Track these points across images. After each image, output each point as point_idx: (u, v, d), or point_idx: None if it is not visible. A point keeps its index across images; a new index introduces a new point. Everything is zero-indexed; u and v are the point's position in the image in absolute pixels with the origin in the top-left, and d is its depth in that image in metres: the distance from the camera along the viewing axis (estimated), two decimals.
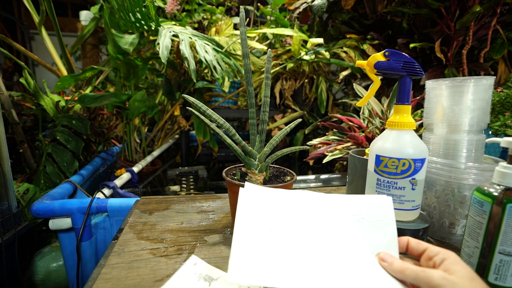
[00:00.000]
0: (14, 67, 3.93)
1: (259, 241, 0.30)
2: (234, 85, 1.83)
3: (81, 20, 2.41)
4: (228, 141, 0.49)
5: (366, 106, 0.87)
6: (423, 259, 0.30)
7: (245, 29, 0.49)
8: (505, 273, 0.36)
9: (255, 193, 0.35)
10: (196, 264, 0.39)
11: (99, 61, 2.52)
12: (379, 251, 0.32)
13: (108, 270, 0.37)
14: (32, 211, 0.71)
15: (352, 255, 0.31)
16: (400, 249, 0.32)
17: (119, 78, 1.30)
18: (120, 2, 1.01)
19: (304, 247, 0.31)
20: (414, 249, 0.32)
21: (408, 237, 0.33)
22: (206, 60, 1.05)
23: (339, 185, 0.99)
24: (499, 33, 1.07)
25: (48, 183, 1.03)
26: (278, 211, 0.33)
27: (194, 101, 0.47)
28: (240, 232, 0.29)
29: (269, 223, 0.32)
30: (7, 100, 1.00)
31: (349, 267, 0.30)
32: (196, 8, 1.61)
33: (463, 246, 0.41)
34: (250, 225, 0.31)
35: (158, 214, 0.56)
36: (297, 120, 0.54)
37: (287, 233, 0.31)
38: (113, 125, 1.68)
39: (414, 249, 0.32)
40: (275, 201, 0.35)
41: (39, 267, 0.81)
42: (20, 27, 4.19)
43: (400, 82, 0.45)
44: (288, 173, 0.55)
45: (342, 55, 1.40)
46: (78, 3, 4.45)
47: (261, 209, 0.33)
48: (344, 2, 1.30)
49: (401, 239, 0.33)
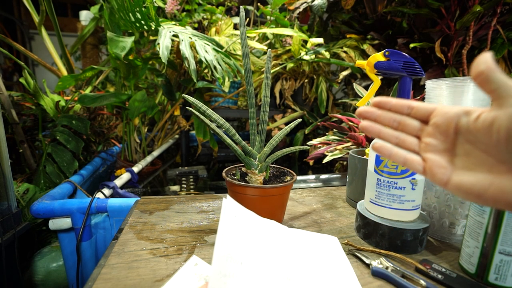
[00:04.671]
0: (14, 67, 3.93)
1: (232, 273, 0.30)
2: (234, 85, 1.82)
3: (81, 20, 2.41)
4: (228, 141, 0.49)
5: (366, 106, 0.87)
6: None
7: (245, 29, 0.49)
8: (505, 273, 0.36)
9: (233, 212, 0.37)
10: (197, 264, 0.39)
11: (99, 61, 2.52)
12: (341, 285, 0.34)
13: (108, 270, 0.37)
14: (32, 211, 0.71)
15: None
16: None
17: (119, 78, 1.30)
18: (120, 2, 1.00)
19: (272, 281, 0.32)
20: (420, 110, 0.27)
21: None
22: (206, 60, 1.05)
23: (339, 185, 0.99)
24: (499, 33, 1.07)
25: (48, 183, 1.03)
26: (249, 240, 0.35)
27: (194, 101, 0.47)
28: (218, 260, 0.30)
29: (241, 252, 0.33)
30: (7, 100, 1.00)
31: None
32: (196, 8, 1.61)
33: (463, 246, 0.41)
34: (226, 251, 0.31)
35: (158, 214, 0.56)
36: (297, 120, 0.54)
37: (256, 266, 0.32)
38: (113, 125, 1.67)
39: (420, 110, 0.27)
40: (247, 228, 0.37)
41: (39, 267, 0.81)
42: (20, 27, 4.18)
43: (400, 82, 0.45)
44: (288, 173, 0.55)
45: (342, 55, 1.40)
46: (78, 3, 4.45)
47: (235, 235, 0.34)
48: (344, 2, 1.30)
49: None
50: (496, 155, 0.22)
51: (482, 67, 0.22)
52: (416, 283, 0.36)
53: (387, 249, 0.44)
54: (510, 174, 0.21)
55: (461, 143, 0.24)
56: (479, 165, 0.23)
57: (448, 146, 0.25)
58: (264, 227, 0.39)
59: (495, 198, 0.21)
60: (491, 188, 0.21)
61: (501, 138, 0.21)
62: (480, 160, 0.23)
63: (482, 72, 0.22)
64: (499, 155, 0.21)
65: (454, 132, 0.24)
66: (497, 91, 0.21)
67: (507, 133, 0.20)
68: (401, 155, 0.27)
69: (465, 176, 0.23)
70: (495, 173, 0.22)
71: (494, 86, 0.21)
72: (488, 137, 0.22)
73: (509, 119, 0.20)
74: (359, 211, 0.50)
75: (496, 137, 0.21)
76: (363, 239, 0.48)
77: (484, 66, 0.22)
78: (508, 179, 0.21)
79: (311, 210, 0.61)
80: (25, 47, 1.52)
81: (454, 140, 0.24)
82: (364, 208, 0.50)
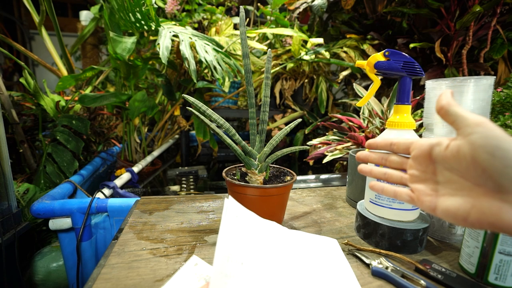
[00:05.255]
0: (14, 67, 3.93)
1: (233, 273, 0.30)
2: (234, 85, 1.82)
3: (81, 20, 2.41)
4: (228, 141, 0.49)
5: (366, 106, 0.87)
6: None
7: (245, 29, 0.49)
8: (505, 273, 0.36)
9: (234, 213, 0.37)
10: (197, 264, 0.39)
11: (99, 61, 2.53)
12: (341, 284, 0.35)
13: (108, 270, 0.37)
14: (32, 211, 0.71)
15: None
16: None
17: (119, 78, 1.30)
18: (120, 2, 1.00)
19: (272, 282, 0.32)
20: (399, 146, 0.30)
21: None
22: (206, 60, 1.05)
23: (339, 185, 0.99)
24: (499, 33, 1.07)
25: (48, 183, 1.03)
26: (249, 241, 0.35)
27: (194, 101, 0.47)
28: (220, 260, 0.30)
29: (242, 253, 0.33)
30: (7, 100, 1.00)
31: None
32: (196, 8, 1.61)
33: (463, 246, 0.41)
34: (227, 251, 0.31)
35: (158, 214, 0.56)
36: (297, 120, 0.54)
37: (257, 267, 0.33)
38: (113, 125, 1.68)
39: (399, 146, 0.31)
40: (248, 229, 0.37)
41: (39, 267, 0.81)
42: (20, 27, 4.18)
43: (400, 82, 0.45)
44: (288, 173, 0.55)
45: (342, 55, 1.40)
46: (78, 3, 4.45)
47: (236, 235, 0.34)
48: (344, 2, 1.30)
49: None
50: (470, 179, 0.23)
51: (442, 103, 0.25)
52: (416, 283, 0.36)
53: (387, 249, 0.44)
54: (487, 196, 0.22)
55: (440, 171, 0.26)
56: (460, 189, 0.24)
57: (430, 175, 0.27)
58: (264, 228, 0.39)
59: (478, 220, 0.23)
60: (473, 210, 0.23)
61: (469, 164, 0.23)
62: (460, 185, 0.24)
63: (443, 107, 0.25)
64: (473, 179, 0.23)
65: (431, 162, 0.27)
66: (456, 122, 0.24)
67: (472, 159, 0.22)
68: (391, 190, 0.31)
69: (449, 201, 0.25)
70: (474, 196, 0.23)
71: (453, 118, 0.24)
72: (459, 164, 0.24)
73: (470, 147, 0.22)
74: (359, 211, 0.50)
75: (464, 163, 0.23)
76: (363, 239, 0.48)
77: (444, 102, 0.25)
78: (486, 200, 0.22)
79: (311, 210, 0.61)
80: (25, 47, 1.52)
81: (433, 169, 0.27)
82: (364, 208, 0.50)
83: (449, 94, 0.26)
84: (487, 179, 0.22)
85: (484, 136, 0.22)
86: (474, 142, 0.22)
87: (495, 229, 0.22)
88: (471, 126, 0.23)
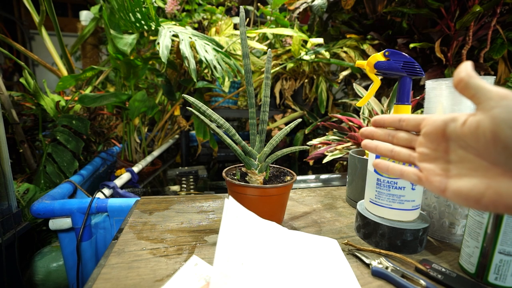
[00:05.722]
0: (14, 67, 3.93)
1: (233, 273, 0.30)
2: (234, 85, 1.82)
3: (81, 20, 2.41)
4: (228, 141, 0.49)
5: (366, 106, 0.87)
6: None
7: (245, 29, 0.49)
8: (505, 273, 0.36)
9: (235, 213, 0.37)
10: (197, 264, 0.39)
11: (99, 61, 2.52)
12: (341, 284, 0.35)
13: (108, 270, 0.37)
14: (32, 211, 0.71)
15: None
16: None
17: (119, 78, 1.30)
18: (120, 2, 1.00)
19: (273, 282, 0.32)
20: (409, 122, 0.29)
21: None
22: (206, 60, 1.05)
23: (339, 185, 0.99)
24: (499, 33, 1.07)
25: (48, 183, 1.03)
26: (249, 241, 0.35)
27: (194, 101, 0.47)
28: (220, 260, 0.30)
29: (242, 253, 0.33)
30: (7, 100, 1.00)
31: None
32: (196, 8, 1.61)
33: (463, 246, 0.41)
34: (228, 251, 0.31)
35: (158, 214, 0.56)
36: (297, 120, 0.54)
37: (257, 267, 0.33)
38: (113, 125, 1.68)
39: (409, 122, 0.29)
40: (248, 229, 0.37)
41: (39, 267, 0.81)
42: (20, 27, 4.18)
43: (400, 82, 0.45)
44: (288, 173, 0.55)
45: (342, 55, 1.40)
46: (78, 3, 4.45)
47: (236, 235, 0.34)
48: (344, 2, 1.30)
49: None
50: (488, 158, 0.22)
51: (461, 75, 0.23)
52: (416, 283, 0.36)
53: (387, 249, 0.44)
54: (506, 176, 0.21)
55: (454, 149, 0.24)
56: (475, 170, 0.23)
57: (441, 154, 0.25)
58: (264, 228, 0.39)
59: (493, 202, 0.21)
60: (488, 192, 0.21)
61: (488, 141, 0.21)
62: (475, 165, 0.23)
63: (462, 79, 0.23)
64: (491, 158, 0.21)
65: (444, 139, 0.25)
66: (477, 96, 0.22)
67: (493, 135, 0.21)
68: (397, 168, 0.28)
69: (461, 182, 0.23)
70: (491, 176, 0.22)
71: (473, 91, 0.22)
72: (477, 141, 0.22)
73: (491, 122, 0.21)
74: (359, 211, 0.50)
75: (483, 140, 0.21)
76: (363, 239, 0.48)
77: (463, 74, 0.23)
78: (504, 181, 0.21)
79: (311, 210, 0.61)
80: (25, 47, 1.52)
81: (446, 147, 0.25)
82: (364, 208, 0.50)
83: (470, 65, 0.23)
84: (508, 157, 0.20)
85: (508, 111, 0.20)
86: (497, 117, 0.20)
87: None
88: (495, 100, 0.21)
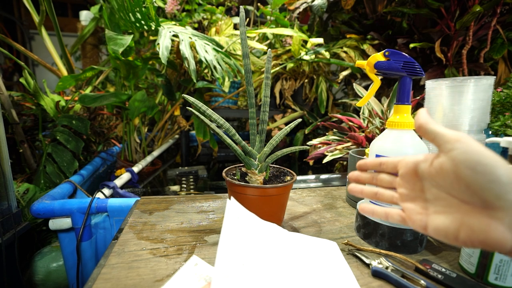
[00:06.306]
0: (14, 67, 3.93)
1: (234, 274, 0.30)
2: (234, 85, 1.82)
3: (81, 20, 2.41)
4: (228, 141, 0.49)
5: (366, 106, 0.87)
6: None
7: (245, 29, 0.49)
8: (505, 273, 0.36)
9: (236, 214, 0.37)
10: (197, 264, 0.39)
11: (99, 61, 2.53)
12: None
13: (108, 270, 0.37)
14: (32, 211, 0.71)
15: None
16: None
17: (119, 78, 1.30)
18: (120, 2, 1.00)
19: (273, 283, 0.32)
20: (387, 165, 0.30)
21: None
22: (206, 60, 1.05)
23: (339, 185, 0.99)
24: (499, 33, 1.07)
25: (48, 183, 1.03)
26: (250, 242, 0.35)
27: (194, 101, 0.47)
28: (221, 261, 0.30)
29: (243, 254, 0.33)
30: (7, 100, 1.00)
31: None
32: (196, 8, 1.61)
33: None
34: (229, 251, 0.31)
35: (158, 214, 0.56)
36: (297, 120, 0.54)
37: (257, 268, 0.33)
38: (113, 125, 1.68)
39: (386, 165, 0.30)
40: (249, 230, 0.37)
41: (39, 267, 0.81)
42: (20, 27, 4.18)
43: (400, 82, 0.45)
44: (288, 173, 0.55)
45: (342, 55, 1.40)
46: (78, 3, 4.45)
47: (238, 236, 0.34)
48: (344, 2, 1.30)
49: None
50: (457, 196, 0.23)
51: (420, 121, 0.25)
52: (416, 283, 0.36)
53: (387, 249, 0.44)
54: (474, 212, 0.22)
55: (428, 188, 0.25)
56: (449, 206, 0.24)
57: (418, 193, 0.27)
58: (265, 230, 0.39)
59: (469, 238, 0.22)
60: (462, 228, 0.22)
61: (452, 181, 0.22)
62: (448, 202, 0.24)
63: (421, 125, 0.25)
64: (459, 196, 0.23)
65: (418, 179, 0.26)
66: (436, 139, 0.24)
67: (455, 176, 0.22)
68: (382, 211, 0.30)
69: (439, 219, 0.24)
70: (462, 213, 0.23)
71: (432, 135, 0.24)
72: (444, 181, 0.23)
73: (451, 164, 0.22)
74: (359, 211, 0.50)
75: (448, 180, 0.23)
76: (363, 239, 0.48)
77: (422, 120, 0.25)
78: (474, 217, 0.22)
79: (311, 210, 0.61)
80: (25, 47, 1.52)
81: (421, 186, 0.26)
82: None
83: (425, 112, 0.26)
84: (472, 195, 0.21)
85: (464, 152, 0.21)
86: (454, 158, 0.22)
87: (486, 247, 0.21)
88: (451, 142, 0.22)
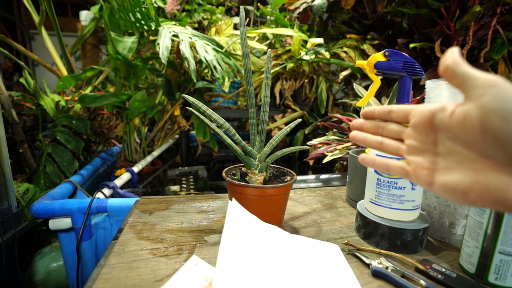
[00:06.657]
0: (14, 67, 3.93)
1: (235, 275, 0.30)
2: (234, 85, 1.82)
3: (81, 20, 2.41)
4: (228, 141, 0.49)
5: (366, 106, 0.87)
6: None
7: (245, 29, 0.49)
8: (505, 273, 0.36)
9: (238, 216, 0.37)
10: (197, 264, 0.39)
11: (99, 61, 2.53)
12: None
13: (108, 270, 0.37)
14: (32, 211, 0.71)
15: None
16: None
17: (119, 78, 1.30)
18: (120, 2, 1.00)
19: (273, 284, 0.32)
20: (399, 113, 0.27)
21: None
22: (206, 60, 1.05)
23: (339, 185, 0.99)
24: (499, 33, 1.07)
25: (48, 183, 1.03)
26: (251, 244, 0.35)
27: (194, 101, 0.47)
28: (222, 262, 0.30)
29: (244, 255, 0.33)
30: (7, 100, 1.00)
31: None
32: (196, 8, 1.61)
33: (463, 246, 0.41)
34: (230, 252, 0.32)
35: (158, 214, 0.56)
36: (297, 120, 0.54)
37: (258, 269, 0.32)
38: (113, 125, 1.68)
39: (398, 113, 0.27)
40: (250, 232, 0.37)
41: (39, 267, 0.81)
42: (20, 27, 4.18)
43: (400, 82, 0.45)
44: (288, 173, 0.55)
45: (342, 55, 1.40)
46: (78, 3, 4.45)
47: (239, 237, 0.34)
48: (344, 2, 1.30)
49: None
50: (477, 150, 0.20)
51: (448, 62, 0.21)
52: (416, 283, 0.36)
53: (387, 249, 0.44)
54: (495, 169, 0.20)
55: (442, 141, 0.23)
56: (463, 162, 0.21)
57: (429, 146, 0.24)
58: (266, 231, 0.39)
59: (481, 197, 0.20)
60: (476, 186, 0.20)
61: (476, 133, 0.19)
62: (464, 158, 0.21)
63: (448, 67, 0.21)
64: (480, 150, 0.20)
65: (432, 130, 0.23)
66: (464, 84, 0.21)
67: (481, 126, 0.19)
68: (384, 162, 0.27)
69: (449, 175, 0.22)
70: (479, 170, 0.20)
71: (460, 79, 0.21)
72: (465, 132, 0.20)
73: (479, 112, 0.19)
74: (359, 211, 0.50)
75: (471, 131, 0.20)
76: (363, 239, 0.48)
77: (450, 61, 0.21)
78: (493, 175, 0.20)
79: (311, 210, 0.61)
80: (25, 47, 1.52)
81: (434, 139, 0.23)
82: (364, 208, 0.50)
83: (456, 51, 0.22)
84: (498, 149, 0.19)
85: (498, 99, 0.18)
86: (485, 106, 0.18)
87: (500, 207, 0.19)
88: (483, 87, 0.19)
